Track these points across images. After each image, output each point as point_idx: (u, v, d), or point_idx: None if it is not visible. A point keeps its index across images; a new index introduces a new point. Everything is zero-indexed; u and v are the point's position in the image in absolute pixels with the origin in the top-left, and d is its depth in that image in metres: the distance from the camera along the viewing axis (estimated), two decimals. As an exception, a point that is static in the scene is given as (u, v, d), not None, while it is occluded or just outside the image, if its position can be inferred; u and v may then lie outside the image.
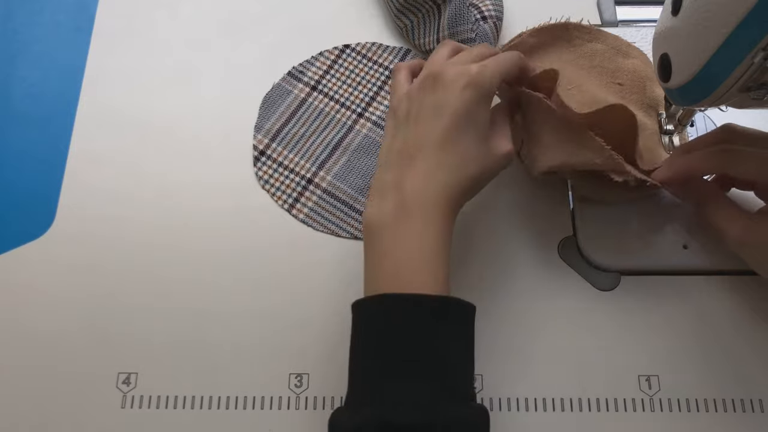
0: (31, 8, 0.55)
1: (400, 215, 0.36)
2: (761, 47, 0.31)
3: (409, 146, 0.38)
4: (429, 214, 0.36)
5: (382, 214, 0.37)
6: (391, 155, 0.39)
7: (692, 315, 0.44)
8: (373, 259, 0.37)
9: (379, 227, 0.37)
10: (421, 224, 0.36)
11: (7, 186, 0.49)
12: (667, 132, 0.46)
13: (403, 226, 0.36)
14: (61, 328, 0.44)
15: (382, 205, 0.37)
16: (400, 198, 0.36)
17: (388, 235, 0.36)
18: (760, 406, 0.42)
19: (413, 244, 0.35)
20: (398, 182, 0.37)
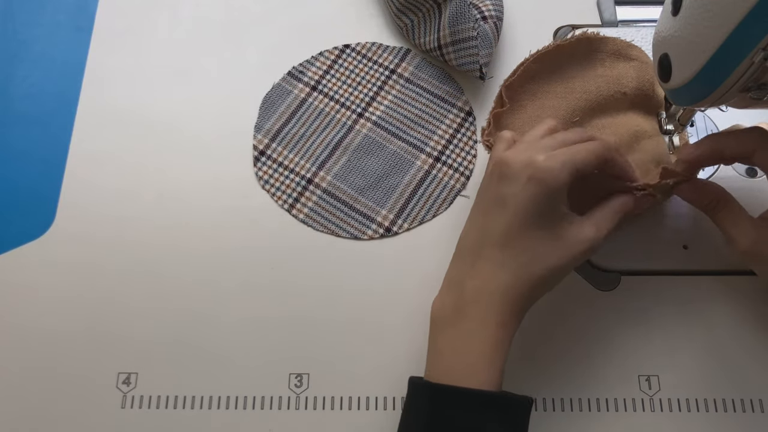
0: (31, 8, 0.55)
1: (458, 313, 0.36)
2: (761, 47, 0.31)
3: (476, 240, 0.37)
4: (485, 316, 0.35)
5: (444, 309, 0.37)
6: (463, 247, 0.39)
7: (692, 315, 0.44)
8: (433, 348, 0.37)
9: (440, 321, 0.37)
10: (475, 325, 0.35)
11: (7, 186, 0.49)
12: (667, 132, 0.46)
13: (460, 325, 0.36)
14: (61, 328, 0.44)
15: (445, 299, 0.37)
16: (460, 296, 0.36)
17: (447, 331, 0.36)
18: (760, 406, 0.42)
19: (467, 346, 0.35)
20: (461, 279, 0.37)
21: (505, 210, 0.36)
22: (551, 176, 0.35)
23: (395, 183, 0.49)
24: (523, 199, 0.35)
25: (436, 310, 0.38)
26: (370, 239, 0.47)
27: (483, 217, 0.37)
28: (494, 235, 0.36)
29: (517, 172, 0.36)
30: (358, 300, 0.45)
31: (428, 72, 0.52)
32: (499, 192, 0.36)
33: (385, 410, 0.42)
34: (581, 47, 0.45)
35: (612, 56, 0.46)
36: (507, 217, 0.36)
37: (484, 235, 0.37)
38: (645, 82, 0.46)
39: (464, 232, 0.39)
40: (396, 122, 0.51)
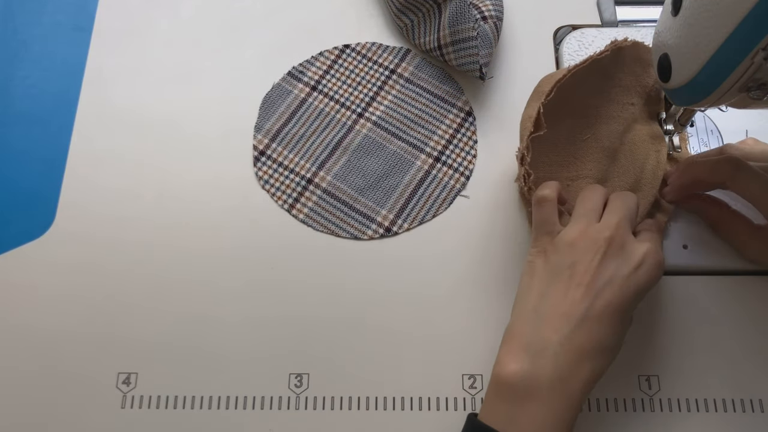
0: (31, 8, 0.55)
1: (547, 389, 0.35)
2: (761, 47, 0.31)
3: (567, 306, 0.36)
4: (575, 397, 0.35)
5: (528, 378, 0.35)
6: (544, 307, 0.37)
7: (692, 315, 0.44)
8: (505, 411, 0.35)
9: (521, 389, 0.35)
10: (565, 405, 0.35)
11: (7, 186, 0.49)
12: (667, 132, 0.46)
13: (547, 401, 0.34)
14: (61, 328, 0.44)
15: (527, 366, 0.35)
16: (550, 370, 0.35)
17: (530, 402, 0.35)
18: (760, 406, 0.42)
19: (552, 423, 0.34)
20: (550, 349, 0.35)
21: (609, 287, 0.36)
22: (659, 268, 0.37)
23: (395, 183, 0.49)
24: (634, 282, 0.36)
25: (514, 377, 0.35)
26: (370, 239, 0.47)
27: (576, 286, 0.36)
28: (594, 310, 0.36)
29: (630, 252, 0.37)
30: (358, 300, 0.45)
31: (428, 72, 0.52)
32: (605, 267, 0.36)
33: (385, 410, 0.42)
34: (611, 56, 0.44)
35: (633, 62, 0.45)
36: (611, 295, 0.36)
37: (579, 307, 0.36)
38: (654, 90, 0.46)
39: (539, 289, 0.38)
40: (396, 122, 0.51)
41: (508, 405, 0.35)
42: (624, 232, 0.38)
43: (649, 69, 0.46)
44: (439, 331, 0.44)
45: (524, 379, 0.35)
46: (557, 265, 0.38)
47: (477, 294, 0.45)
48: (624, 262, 0.36)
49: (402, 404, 0.42)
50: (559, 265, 0.37)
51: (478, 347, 0.44)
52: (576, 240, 0.38)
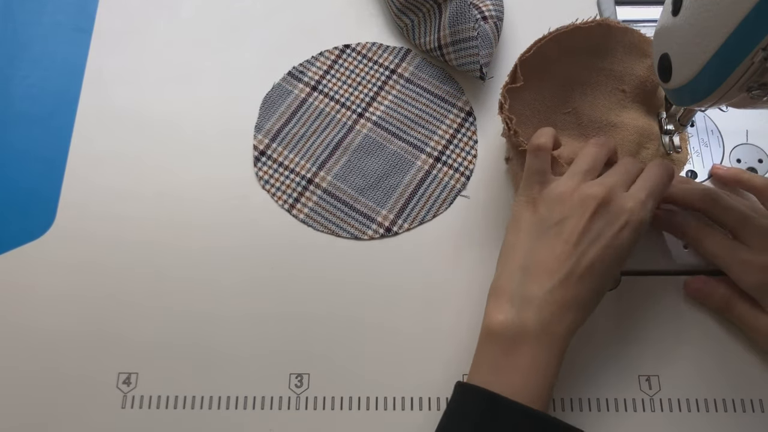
0: (31, 8, 0.55)
1: (528, 336, 0.36)
2: (761, 47, 0.31)
3: (553, 262, 0.37)
4: (557, 345, 0.36)
5: (511, 327, 0.37)
6: (530, 261, 0.38)
7: (692, 315, 0.44)
8: (490, 361, 0.37)
9: (506, 339, 0.37)
10: (546, 354, 0.36)
11: (7, 186, 0.49)
12: (667, 132, 0.46)
13: (531, 350, 0.36)
14: (62, 328, 0.44)
15: (510, 317, 0.37)
16: (530, 318, 0.36)
17: (514, 351, 0.36)
18: (761, 406, 0.42)
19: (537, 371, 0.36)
20: (530, 299, 0.37)
21: (595, 246, 0.37)
22: (644, 226, 0.38)
23: (395, 183, 0.49)
24: (617, 241, 0.37)
25: (500, 327, 0.37)
26: (370, 239, 0.47)
27: (563, 243, 0.38)
28: (579, 267, 0.37)
29: (616, 213, 0.38)
30: (359, 300, 0.45)
31: (428, 72, 0.52)
32: (593, 227, 0.37)
33: (386, 410, 0.42)
34: (599, 32, 0.44)
35: (626, 49, 0.46)
36: (596, 253, 0.37)
37: (566, 263, 0.37)
38: (649, 81, 0.46)
39: (524, 250, 0.39)
40: (396, 122, 0.51)
41: (494, 355, 0.37)
42: (615, 191, 0.38)
43: (644, 60, 0.46)
44: (440, 331, 0.44)
45: (510, 328, 0.37)
46: (545, 220, 0.39)
47: (477, 294, 0.45)
48: (610, 222, 0.38)
49: (402, 404, 0.42)
50: (547, 220, 0.39)
51: (478, 347, 0.44)
52: (566, 195, 0.39)
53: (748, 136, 0.49)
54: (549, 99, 0.45)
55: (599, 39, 0.45)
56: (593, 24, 0.44)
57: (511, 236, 0.40)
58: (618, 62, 0.46)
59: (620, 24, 0.45)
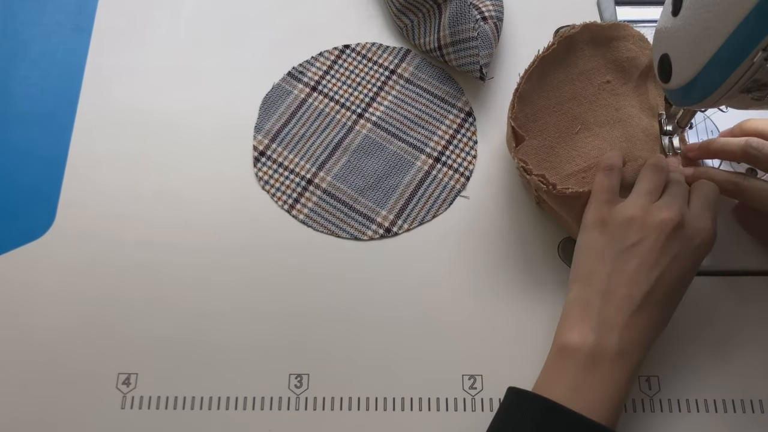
0: (31, 8, 0.55)
1: (610, 361, 0.36)
2: (761, 47, 0.31)
3: (633, 286, 0.37)
4: (634, 367, 0.37)
5: (593, 349, 0.37)
6: (610, 284, 0.38)
7: (692, 315, 0.44)
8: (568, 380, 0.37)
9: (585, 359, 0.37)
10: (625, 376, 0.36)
11: (7, 185, 0.49)
12: (667, 133, 0.46)
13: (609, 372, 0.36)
14: (62, 328, 0.44)
15: (589, 338, 0.37)
16: (610, 341, 0.36)
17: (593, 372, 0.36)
18: (760, 406, 0.42)
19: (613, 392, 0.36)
20: (611, 323, 0.37)
21: (673, 268, 0.38)
22: (713, 243, 0.39)
23: (395, 183, 0.49)
24: (693, 261, 0.38)
25: (579, 346, 0.37)
26: (370, 240, 0.47)
27: (640, 266, 0.38)
28: (658, 291, 0.37)
29: (691, 236, 0.38)
30: (358, 300, 0.45)
31: (428, 72, 0.52)
32: (670, 250, 0.38)
33: (385, 410, 0.42)
34: (563, 48, 0.45)
35: (590, 45, 0.46)
36: (674, 276, 0.38)
37: (644, 287, 0.37)
38: (624, 60, 0.46)
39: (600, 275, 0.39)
40: (396, 123, 0.51)
41: (572, 374, 0.37)
42: (684, 212, 0.39)
43: (611, 44, 0.46)
44: (439, 331, 0.44)
45: (590, 352, 0.37)
46: (619, 242, 0.39)
47: (477, 294, 0.45)
48: (686, 243, 0.38)
49: (402, 404, 0.42)
50: (621, 242, 0.39)
51: (478, 347, 0.44)
52: (636, 216, 0.39)
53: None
54: (556, 131, 0.45)
55: (565, 52, 0.46)
56: (555, 45, 0.45)
57: (583, 258, 0.40)
58: (589, 59, 0.46)
59: (574, 27, 0.46)
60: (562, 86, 0.46)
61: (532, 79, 0.45)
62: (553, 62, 0.45)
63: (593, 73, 0.46)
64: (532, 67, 0.45)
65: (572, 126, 0.45)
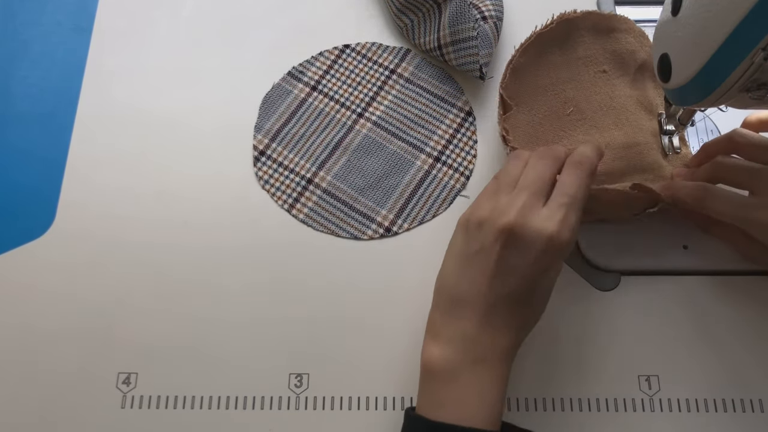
0: (31, 8, 0.55)
1: (464, 370, 0.36)
2: (761, 47, 0.31)
3: (475, 296, 0.36)
4: (492, 374, 0.36)
5: (446, 362, 0.36)
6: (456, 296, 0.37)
7: (692, 315, 0.44)
8: (431, 398, 0.37)
9: (442, 374, 0.36)
10: (484, 384, 0.36)
11: (7, 185, 0.49)
12: (667, 132, 0.46)
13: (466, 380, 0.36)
14: (62, 328, 0.44)
15: (446, 353, 0.36)
16: (464, 352, 0.36)
17: (450, 385, 0.36)
18: (760, 406, 0.42)
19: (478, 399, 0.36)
20: (463, 335, 0.36)
21: (512, 277, 0.36)
22: (567, 246, 0.36)
23: (395, 183, 0.49)
24: (535, 268, 0.36)
25: (437, 363, 0.36)
26: (370, 239, 0.47)
27: (481, 276, 0.36)
28: (502, 299, 0.36)
29: (528, 244, 0.36)
30: (358, 300, 0.45)
31: (428, 72, 0.52)
32: (505, 260, 0.36)
33: (385, 410, 0.42)
34: (560, 30, 0.45)
35: (591, 31, 0.46)
36: (513, 284, 0.36)
37: (487, 296, 0.36)
38: (624, 52, 0.46)
39: (451, 281, 0.38)
40: (396, 122, 0.51)
41: (435, 390, 0.36)
42: (525, 215, 0.36)
43: (612, 34, 0.46)
44: (439, 331, 0.44)
45: (445, 364, 0.36)
46: (467, 247, 0.38)
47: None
48: (523, 253, 0.36)
49: (402, 404, 0.42)
50: (469, 248, 0.37)
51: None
52: (483, 219, 0.37)
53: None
54: (546, 109, 0.45)
55: (564, 35, 0.46)
56: (553, 24, 0.45)
57: (444, 260, 0.40)
58: (589, 46, 0.46)
59: (577, 12, 0.46)
60: (558, 68, 0.46)
61: (527, 54, 0.45)
62: (551, 42, 0.45)
63: (591, 60, 0.46)
64: (528, 42, 0.45)
65: (564, 107, 0.45)
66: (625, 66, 0.46)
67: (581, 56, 0.46)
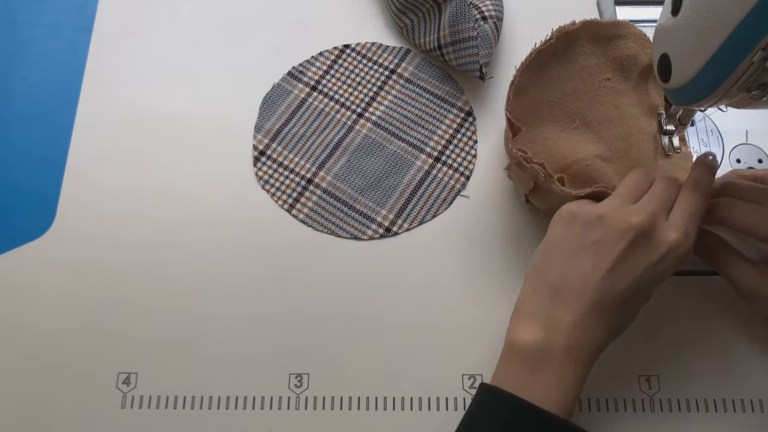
0: (31, 8, 0.55)
1: (558, 360, 0.36)
2: (761, 47, 0.31)
3: (586, 289, 0.36)
4: (583, 367, 0.36)
5: (540, 348, 0.36)
6: (562, 284, 0.37)
7: (692, 315, 0.44)
8: (516, 380, 0.37)
9: (533, 358, 0.36)
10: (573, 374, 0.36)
11: (7, 185, 0.49)
12: (667, 132, 0.46)
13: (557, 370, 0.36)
14: (62, 328, 0.44)
15: (539, 337, 0.36)
16: (558, 341, 0.36)
17: (540, 371, 0.36)
18: (760, 406, 0.42)
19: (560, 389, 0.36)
20: (559, 321, 0.36)
21: (629, 277, 0.36)
22: (686, 257, 0.37)
23: (395, 183, 0.49)
24: (654, 272, 0.36)
25: (527, 345, 0.37)
26: (370, 239, 0.47)
27: (597, 269, 0.36)
28: (612, 296, 0.36)
29: (655, 246, 0.36)
30: (358, 300, 0.45)
31: (428, 72, 0.52)
32: (629, 256, 0.36)
33: (385, 410, 0.42)
34: (561, 43, 0.45)
35: (591, 41, 0.46)
36: (629, 285, 0.36)
37: (597, 291, 0.36)
38: (624, 58, 0.46)
39: (555, 269, 0.38)
40: (396, 122, 0.51)
41: (521, 372, 0.37)
42: (656, 219, 0.37)
43: (612, 41, 0.46)
44: (439, 331, 0.44)
45: (537, 349, 0.36)
46: (581, 239, 0.38)
47: (477, 294, 0.45)
48: (648, 253, 0.36)
49: (402, 404, 0.42)
50: (583, 240, 0.37)
51: (478, 347, 0.44)
52: (604, 215, 0.38)
53: (748, 136, 0.49)
54: (554, 125, 0.45)
55: (564, 47, 0.46)
56: (552, 39, 0.45)
57: (544, 250, 0.39)
58: (590, 56, 0.46)
59: (574, 24, 0.45)
60: (560, 81, 0.46)
61: (529, 72, 0.45)
62: (551, 57, 0.45)
63: (593, 70, 0.46)
64: (528, 60, 0.44)
65: (570, 121, 0.45)
66: (627, 72, 0.46)
67: (583, 67, 0.46)
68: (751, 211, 0.39)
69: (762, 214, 0.39)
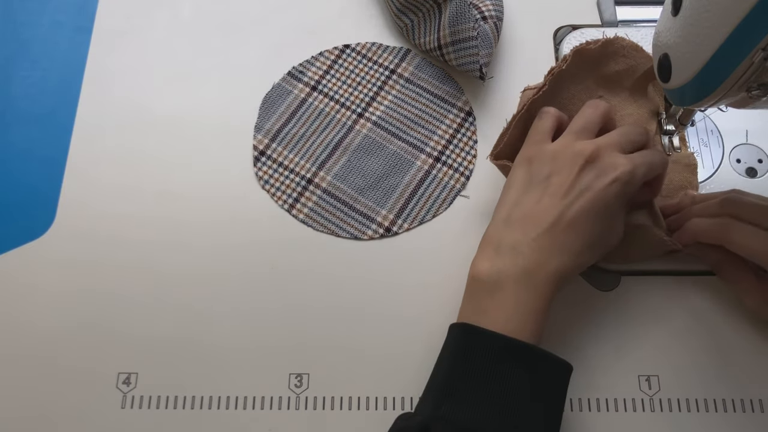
0: (31, 8, 0.55)
1: (510, 282, 0.37)
2: (761, 47, 0.31)
3: (539, 213, 0.38)
4: (538, 291, 0.37)
5: (495, 273, 0.38)
6: (517, 213, 0.39)
7: (692, 315, 0.44)
8: (476, 306, 0.38)
9: (490, 284, 0.38)
10: (528, 297, 0.37)
11: (7, 185, 0.49)
12: (667, 132, 0.46)
13: (510, 292, 0.37)
14: (62, 327, 0.44)
15: (496, 264, 0.38)
16: (515, 265, 0.37)
17: (496, 294, 0.37)
18: (760, 406, 0.42)
19: (515, 312, 0.36)
20: (515, 247, 0.38)
21: (581, 198, 0.38)
22: (633, 182, 0.38)
23: (395, 183, 0.49)
24: (605, 195, 0.38)
25: (484, 273, 0.38)
26: (370, 239, 0.47)
27: (551, 194, 0.38)
28: (564, 218, 0.37)
29: (605, 169, 0.38)
30: (359, 300, 0.45)
31: (428, 72, 0.52)
32: (580, 180, 0.38)
33: (385, 410, 0.42)
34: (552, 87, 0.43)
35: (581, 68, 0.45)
36: (582, 205, 0.37)
37: (552, 213, 0.38)
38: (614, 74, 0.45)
39: (517, 197, 0.40)
40: (396, 122, 0.51)
41: (481, 299, 0.38)
42: (605, 148, 0.39)
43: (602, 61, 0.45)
44: (439, 331, 0.44)
45: (493, 274, 0.38)
46: (536, 175, 0.40)
47: (477, 294, 0.45)
48: (599, 176, 0.38)
49: (402, 404, 0.42)
50: (537, 175, 0.39)
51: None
52: (558, 151, 0.39)
53: (748, 136, 0.49)
54: None
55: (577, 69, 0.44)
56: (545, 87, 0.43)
57: (503, 193, 0.41)
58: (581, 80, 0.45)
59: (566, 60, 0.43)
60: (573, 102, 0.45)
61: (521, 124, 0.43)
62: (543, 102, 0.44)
63: (584, 91, 0.45)
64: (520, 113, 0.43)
65: None
66: (619, 85, 0.46)
67: (574, 92, 0.45)
68: (750, 234, 0.40)
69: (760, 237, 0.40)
